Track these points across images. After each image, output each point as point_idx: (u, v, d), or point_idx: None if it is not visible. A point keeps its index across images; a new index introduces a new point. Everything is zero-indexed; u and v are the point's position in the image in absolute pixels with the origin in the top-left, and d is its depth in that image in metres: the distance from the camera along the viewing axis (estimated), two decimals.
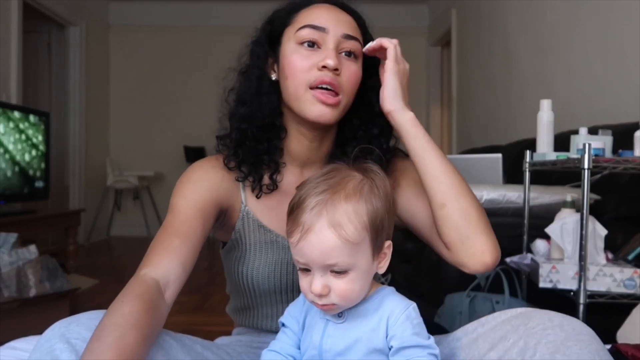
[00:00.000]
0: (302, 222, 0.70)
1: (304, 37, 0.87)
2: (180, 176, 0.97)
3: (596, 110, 2.48)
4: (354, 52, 0.89)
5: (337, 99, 0.86)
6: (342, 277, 0.71)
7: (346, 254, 0.70)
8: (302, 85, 0.87)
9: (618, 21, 2.33)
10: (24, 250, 2.32)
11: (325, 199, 0.70)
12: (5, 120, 3.10)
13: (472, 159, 2.43)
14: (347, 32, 0.88)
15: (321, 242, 0.69)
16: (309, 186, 0.73)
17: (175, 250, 0.80)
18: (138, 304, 0.69)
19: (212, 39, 5.64)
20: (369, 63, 0.94)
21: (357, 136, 0.96)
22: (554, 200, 1.79)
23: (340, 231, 0.69)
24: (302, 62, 0.87)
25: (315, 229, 0.69)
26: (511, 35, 3.53)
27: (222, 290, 3.08)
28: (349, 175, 0.74)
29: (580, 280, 1.33)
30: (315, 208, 0.70)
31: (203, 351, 0.84)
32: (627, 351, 1.04)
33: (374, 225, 0.71)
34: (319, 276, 0.71)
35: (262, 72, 0.94)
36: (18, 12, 3.92)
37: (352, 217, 0.70)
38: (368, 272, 0.73)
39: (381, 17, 6.15)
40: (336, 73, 0.86)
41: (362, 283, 0.73)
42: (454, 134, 4.83)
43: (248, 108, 0.93)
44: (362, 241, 0.71)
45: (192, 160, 5.59)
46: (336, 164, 0.77)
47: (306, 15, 0.89)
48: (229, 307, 1.09)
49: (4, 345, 0.88)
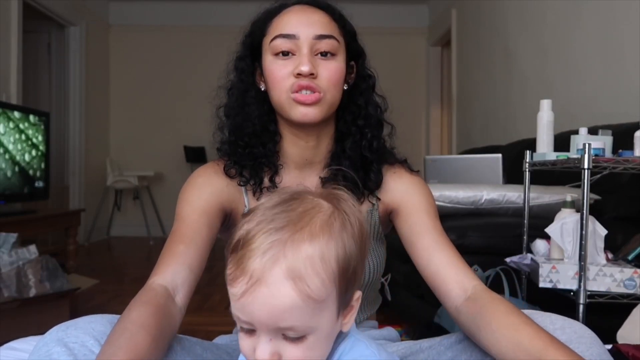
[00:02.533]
0: (249, 270, 0.54)
1: (278, 48, 0.88)
2: (179, 177, 0.98)
3: (596, 110, 2.48)
4: (329, 50, 0.88)
5: (315, 95, 0.86)
6: (298, 343, 0.55)
7: (306, 315, 0.54)
8: (283, 92, 0.88)
9: (618, 21, 2.33)
10: (24, 250, 2.32)
11: (284, 239, 0.54)
12: (5, 120, 3.10)
13: (472, 159, 2.43)
14: (319, 32, 0.88)
15: (275, 299, 0.53)
16: (260, 217, 0.57)
17: (181, 255, 0.82)
18: (145, 308, 0.71)
19: (212, 38, 5.63)
20: (353, 54, 0.95)
21: (351, 132, 0.96)
22: (554, 200, 1.79)
23: (302, 286, 0.53)
24: (280, 71, 0.88)
25: (268, 281, 0.53)
26: (511, 35, 3.53)
27: (222, 291, 3.07)
28: (315, 207, 0.58)
29: (580, 280, 1.33)
30: (270, 252, 0.54)
31: (203, 352, 0.84)
32: (628, 351, 1.04)
33: (345, 275, 0.57)
34: (266, 340, 0.55)
35: (247, 86, 0.96)
36: (18, 12, 3.92)
37: (318, 267, 0.54)
38: (331, 334, 0.59)
39: (381, 17, 6.12)
40: (312, 77, 0.86)
41: (324, 348, 0.58)
42: (454, 134, 4.83)
43: (234, 120, 0.95)
44: (327, 297, 0.55)
45: (192, 160, 5.60)
46: (299, 188, 0.63)
47: (277, 24, 0.90)
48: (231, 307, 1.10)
49: (4, 346, 0.87)
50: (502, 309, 0.75)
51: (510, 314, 0.74)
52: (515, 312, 0.74)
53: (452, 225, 1.71)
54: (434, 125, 5.76)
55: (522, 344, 0.68)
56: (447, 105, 5.54)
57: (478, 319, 0.76)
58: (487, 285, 0.85)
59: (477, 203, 1.85)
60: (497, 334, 0.72)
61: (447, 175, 2.33)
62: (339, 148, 0.96)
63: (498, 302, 0.77)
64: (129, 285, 3.43)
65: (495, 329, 0.73)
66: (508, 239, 1.74)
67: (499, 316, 0.74)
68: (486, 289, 0.81)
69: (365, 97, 0.96)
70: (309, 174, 0.96)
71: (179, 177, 5.75)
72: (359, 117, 0.95)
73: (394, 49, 5.64)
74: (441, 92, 5.73)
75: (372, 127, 0.95)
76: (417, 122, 5.83)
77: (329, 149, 0.96)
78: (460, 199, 1.84)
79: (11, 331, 1.91)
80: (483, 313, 0.76)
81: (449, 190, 1.85)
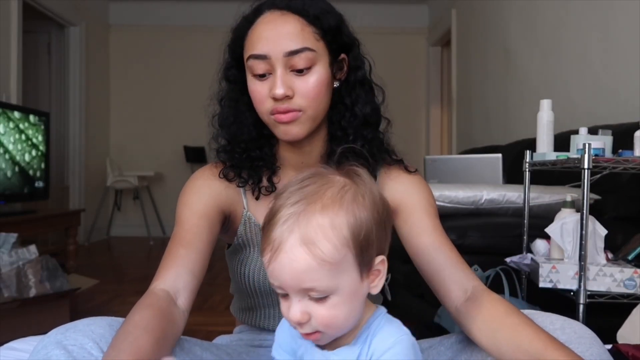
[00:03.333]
0: (272, 239, 0.62)
1: (253, 70, 0.86)
2: (179, 177, 0.98)
3: (596, 110, 2.48)
4: (305, 66, 0.84)
5: (292, 114, 0.85)
6: (323, 302, 0.63)
7: (324, 276, 0.61)
8: (264, 114, 0.88)
9: (618, 21, 2.33)
10: (24, 250, 2.32)
11: (298, 212, 0.62)
12: (5, 120, 3.10)
13: (472, 159, 2.43)
14: (291, 47, 0.83)
15: (292, 262, 0.61)
16: (283, 195, 0.66)
17: (182, 259, 0.82)
18: (147, 311, 0.71)
19: (212, 38, 5.61)
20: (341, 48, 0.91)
21: (346, 133, 0.93)
22: (554, 200, 1.79)
23: (314, 250, 0.60)
24: (259, 93, 0.87)
25: (286, 247, 0.61)
26: (511, 36, 3.53)
27: (222, 291, 3.08)
28: (328, 182, 0.66)
29: (580, 280, 1.33)
30: (287, 222, 0.62)
31: (202, 353, 0.84)
32: (628, 351, 1.04)
33: (357, 240, 0.63)
34: (296, 301, 0.63)
35: (237, 95, 0.95)
36: (18, 12, 3.92)
37: (329, 233, 0.61)
38: (355, 294, 0.64)
39: (381, 17, 6.11)
40: (288, 98, 0.84)
41: (348, 308, 0.64)
42: (454, 134, 4.83)
43: (229, 129, 0.95)
44: (342, 260, 0.62)
45: (192, 160, 5.60)
46: (318, 168, 0.70)
47: (251, 40, 0.87)
48: (232, 306, 1.10)
49: (4, 346, 0.87)
50: (501, 310, 0.75)
51: (509, 314, 0.74)
52: (515, 312, 0.74)
53: (452, 225, 1.71)
54: (434, 125, 5.76)
55: (521, 345, 0.69)
56: (447, 105, 5.54)
57: (478, 320, 0.76)
58: (487, 285, 0.85)
59: (477, 203, 1.85)
60: (497, 335, 0.73)
61: (447, 175, 2.33)
62: (331, 150, 0.94)
63: (498, 302, 0.77)
64: (129, 285, 3.43)
65: (495, 329, 0.73)
66: (508, 239, 1.74)
67: (499, 317, 0.74)
68: (486, 290, 0.81)
69: (354, 95, 0.93)
70: None
71: (179, 177, 5.75)
72: (344, 117, 0.93)
73: (394, 49, 5.64)
74: (441, 92, 5.73)
75: (356, 127, 0.92)
76: (417, 122, 5.83)
77: (324, 151, 0.95)
78: (460, 199, 1.84)
79: (11, 331, 1.91)
80: (483, 313, 0.76)
81: (449, 190, 1.85)
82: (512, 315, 0.74)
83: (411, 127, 5.73)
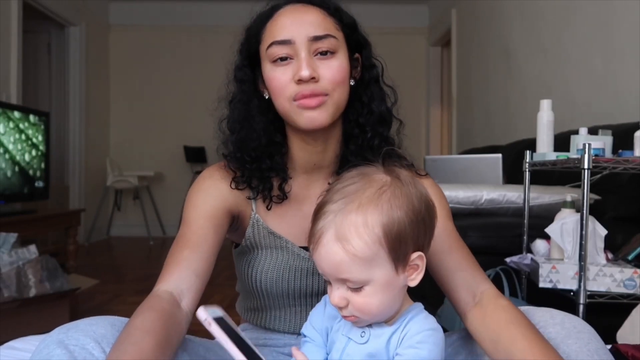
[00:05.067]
0: (315, 232, 0.69)
1: (274, 55, 0.85)
2: (179, 177, 0.97)
3: (596, 110, 2.48)
4: (329, 49, 0.85)
5: (319, 99, 0.84)
6: (358, 292, 0.68)
7: (357, 269, 0.67)
8: (286, 100, 0.85)
9: (618, 21, 2.33)
10: (24, 250, 2.32)
11: (338, 209, 0.68)
12: (5, 120, 3.10)
13: (472, 159, 2.43)
14: (315, 33, 0.84)
15: (329, 255, 0.67)
16: (332, 190, 0.71)
17: (186, 260, 0.81)
18: (150, 314, 0.71)
19: (212, 38, 5.63)
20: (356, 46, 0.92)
21: (354, 133, 0.93)
22: (554, 200, 1.79)
23: (346, 246, 0.66)
24: (280, 79, 0.85)
25: (324, 241, 0.67)
26: (511, 36, 3.53)
27: (222, 290, 3.07)
28: (368, 182, 0.70)
29: (580, 280, 1.33)
30: (328, 217, 0.68)
31: (205, 353, 0.84)
32: (627, 351, 1.04)
33: (390, 237, 0.67)
34: (336, 288, 0.69)
35: (248, 97, 0.93)
36: (18, 12, 3.92)
37: (361, 230, 0.66)
38: (390, 285, 0.69)
39: (381, 17, 6.11)
40: (314, 81, 0.83)
41: (382, 297, 0.69)
42: (454, 134, 4.83)
43: (239, 134, 0.92)
44: (375, 255, 0.67)
45: (192, 160, 5.60)
46: (365, 167, 0.73)
47: (271, 30, 0.86)
48: (238, 304, 1.10)
49: (3, 345, 0.87)
50: (503, 319, 0.75)
51: (509, 324, 0.74)
52: (515, 322, 0.74)
53: None
54: (434, 125, 5.76)
55: (515, 358, 0.70)
56: (447, 105, 5.54)
57: (482, 329, 0.77)
58: None
59: (477, 203, 1.85)
60: (497, 345, 0.74)
61: (447, 175, 2.33)
62: (346, 151, 0.93)
63: (501, 310, 0.77)
64: (129, 285, 3.42)
65: (495, 340, 0.74)
66: (508, 239, 1.74)
67: (499, 327, 0.75)
68: (494, 295, 0.81)
69: (369, 92, 0.93)
70: (317, 177, 0.94)
71: (179, 177, 5.75)
72: (361, 115, 0.92)
73: (394, 49, 5.62)
74: (441, 92, 5.73)
75: (373, 124, 0.92)
76: (417, 122, 5.83)
77: (337, 153, 0.94)
78: (460, 199, 1.84)
79: (11, 331, 1.91)
80: (487, 322, 0.77)
81: (449, 190, 1.85)
82: (511, 325, 0.74)
83: (411, 127, 5.56)
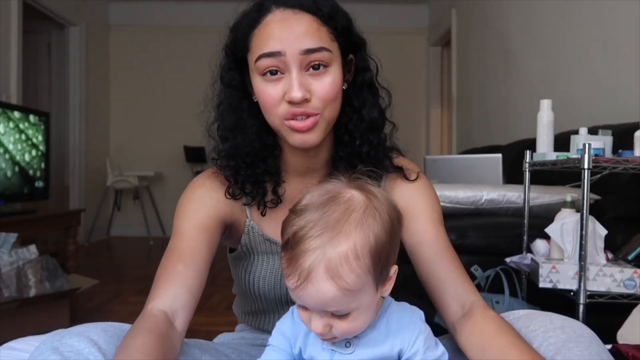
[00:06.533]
0: (299, 268, 0.64)
1: (264, 68, 0.80)
2: (179, 177, 0.96)
3: (596, 110, 2.48)
4: (322, 62, 0.80)
5: (312, 120, 0.80)
6: (344, 318, 0.67)
7: (346, 301, 0.65)
8: (277, 117, 0.82)
9: (618, 21, 2.33)
10: (24, 250, 2.32)
11: (323, 243, 0.64)
12: (5, 120, 3.10)
13: (472, 159, 2.43)
14: (308, 46, 0.78)
15: (320, 293, 0.64)
16: (306, 219, 0.66)
17: (180, 276, 0.79)
18: (149, 337, 0.69)
19: (212, 38, 5.60)
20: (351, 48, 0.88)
21: (353, 137, 0.90)
22: (554, 200, 1.79)
23: (339, 282, 0.63)
24: (270, 95, 0.80)
25: (313, 280, 0.63)
26: (511, 36, 3.53)
27: (222, 291, 3.07)
28: (347, 206, 0.66)
29: (580, 280, 1.33)
30: (312, 255, 0.64)
31: (202, 355, 0.83)
32: (628, 351, 1.04)
33: (378, 262, 0.66)
34: (319, 317, 0.67)
35: (238, 101, 0.89)
36: (18, 12, 3.92)
37: (354, 264, 0.64)
38: (372, 304, 0.69)
39: (381, 17, 6.10)
40: (306, 101, 0.79)
41: (366, 317, 0.69)
42: (454, 134, 4.83)
43: (232, 142, 0.89)
44: (364, 284, 0.65)
45: (192, 160, 5.59)
46: (330, 184, 0.70)
47: (259, 39, 0.81)
48: (235, 306, 1.09)
49: (3, 345, 0.87)
50: (491, 329, 0.75)
51: (498, 334, 0.74)
52: (504, 332, 0.74)
53: (452, 225, 1.71)
54: (434, 125, 5.76)
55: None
56: (447, 105, 5.54)
57: (470, 339, 0.77)
58: (487, 285, 0.85)
59: (477, 203, 1.85)
60: (485, 355, 0.73)
61: (447, 175, 2.33)
62: (338, 156, 0.91)
63: (490, 321, 0.77)
64: (128, 285, 3.43)
65: (484, 350, 0.74)
66: (508, 239, 1.74)
67: (488, 337, 0.75)
68: (482, 306, 0.80)
69: (361, 97, 0.89)
70: (311, 179, 0.93)
71: (179, 177, 5.75)
72: (351, 120, 0.89)
73: (394, 49, 5.64)
74: (441, 92, 5.73)
75: (363, 131, 0.89)
76: (417, 122, 5.83)
77: (330, 155, 0.92)
78: (460, 199, 1.84)
79: (11, 331, 1.91)
80: (475, 333, 0.77)
81: (449, 190, 1.85)
82: (500, 335, 0.74)
83: (411, 127, 5.72)
